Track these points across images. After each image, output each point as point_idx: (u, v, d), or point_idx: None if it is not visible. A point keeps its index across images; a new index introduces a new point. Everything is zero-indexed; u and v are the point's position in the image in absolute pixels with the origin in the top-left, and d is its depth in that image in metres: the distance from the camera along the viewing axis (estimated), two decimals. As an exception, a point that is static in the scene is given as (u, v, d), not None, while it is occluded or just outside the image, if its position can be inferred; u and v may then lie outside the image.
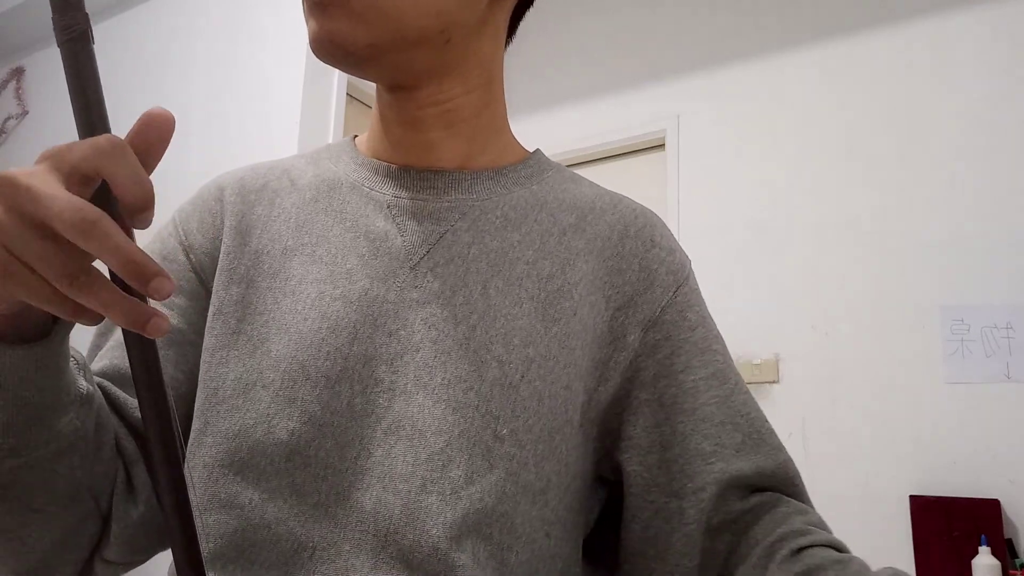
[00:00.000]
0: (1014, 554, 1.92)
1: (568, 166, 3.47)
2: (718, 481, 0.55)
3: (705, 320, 0.61)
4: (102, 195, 0.37)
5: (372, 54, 0.53)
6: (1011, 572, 1.88)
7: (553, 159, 0.68)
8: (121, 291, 0.35)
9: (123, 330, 0.39)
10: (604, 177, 3.51)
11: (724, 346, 0.61)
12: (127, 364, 0.57)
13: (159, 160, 0.39)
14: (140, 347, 0.39)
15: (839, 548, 0.52)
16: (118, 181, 0.36)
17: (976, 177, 2.21)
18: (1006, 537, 1.94)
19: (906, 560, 2.04)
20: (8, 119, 3.21)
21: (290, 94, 2.33)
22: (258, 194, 0.61)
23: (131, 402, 0.56)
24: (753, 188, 2.59)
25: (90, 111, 0.38)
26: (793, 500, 0.57)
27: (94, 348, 0.60)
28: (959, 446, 2.08)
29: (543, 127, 3.10)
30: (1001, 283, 2.13)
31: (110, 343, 0.59)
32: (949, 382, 2.13)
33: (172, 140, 0.39)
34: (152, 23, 2.73)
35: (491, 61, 0.61)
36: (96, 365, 0.57)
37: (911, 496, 2.07)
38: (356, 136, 0.66)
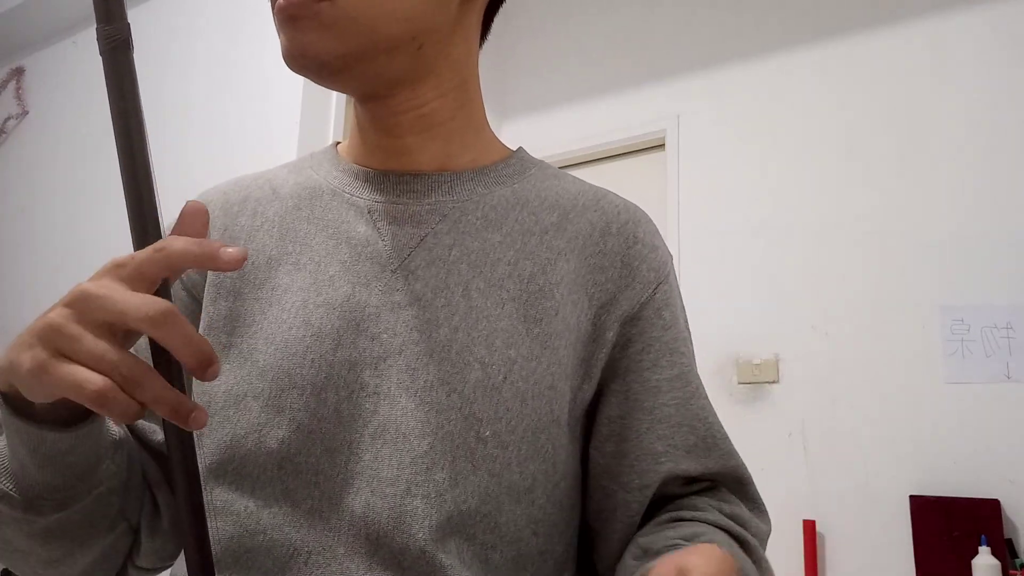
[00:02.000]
0: (1014, 554, 1.92)
1: (568, 166, 3.42)
2: (663, 480, 0.57)
3: (678, 321, 0.62)
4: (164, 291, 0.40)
5: (344, 64, 0.54)
6: (1011, 572, 1.88)
7: (554, 159, 0.69)
8: (169, 385, 0.37)
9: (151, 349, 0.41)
10: (604, 177, 3.49)
11: (691, 348, 0.63)
12: None
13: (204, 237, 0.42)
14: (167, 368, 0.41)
15: (726, 530, 0.54)
16: (172, 345, 0.38)
17: (976, 177, 2.21)
18: (1006, 537, 1.94)
19: (906, 560, 2.04)
20: (8, 119, 3.21)
21: (290, 94, 2.33)
22: (240, 205, 0.62)
23: (149, 427, 0.58)
24: (753, 188, 2.59)
25: (133, 152, 0.41)
26: (730, 493, 0.59)
27: None
28: (959, 446, 2.08)
29: (543, 127, 3.10)
30: (1001, 283, 2.13)
31: None
32: (949, 382, 2.13)
33: (172, 140, 0.40)
34: (152, 23, 2.72)
35: (464, 63, 0.61)
36: None
37: (911, 496, 2.07)
38: (339, 143, 0.67)
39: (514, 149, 0.66)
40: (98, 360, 0.36)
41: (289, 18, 0.52)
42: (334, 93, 2.43)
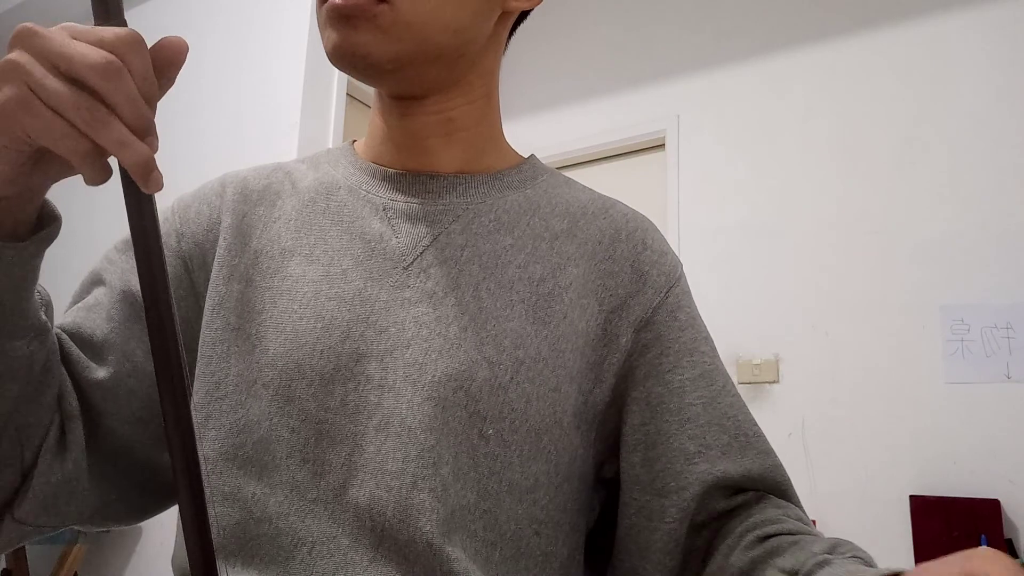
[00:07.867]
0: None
1: (569, 166, 3.40)
2: (701, 481, 0.55)
3: (695, 322, 0.62)
4: None
5: (394, 67, 0.55)
6: (1011, 572, 1.88)
7: (554, 159, 0.70)
8: (131, 134, 0.37)
9: (135, 254, 0.40)
10: (604, 177, 3.46)
11: (713, 348, 0.62)
12: (92, 327, 0.56)
13: (171, 83, 0.42)
14: (151, 281, 0.40)
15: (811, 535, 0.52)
16: (114, 101, 0.38)
17: (976, 177, 2.21)
18: (1006, 537, 1.94)
19: (906, 560, 2.04)
20: (8, 119, 3.20)
21: (290, 94, 2.33)
22: (260, 194, 0.63)
23: (84, 361, 0.55)
24: (753, 188, 2.59)
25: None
26: (778, 499, 0.58)
27: (73, 301, 0.60)
28: (959, 446, 2.08)
29: (544, 127, 3.10)
30: (1001, 283, 2.13)
31: (88, 300, 0.58)
32: (949, 382, 2.13)
33: (166, 139, 0.40)
34: (153, 23, 2.72)
35: (491, 73, 0.63)
36: (64, 318, 0.57)
37: (911, 496, 2.07)
38: (355, 141, 0.67)
39: (526, 157, 0.67)
40: (61, 98, 0.37)
41: (343, 17, 0.53)
42: (333, 93, 2.43)
